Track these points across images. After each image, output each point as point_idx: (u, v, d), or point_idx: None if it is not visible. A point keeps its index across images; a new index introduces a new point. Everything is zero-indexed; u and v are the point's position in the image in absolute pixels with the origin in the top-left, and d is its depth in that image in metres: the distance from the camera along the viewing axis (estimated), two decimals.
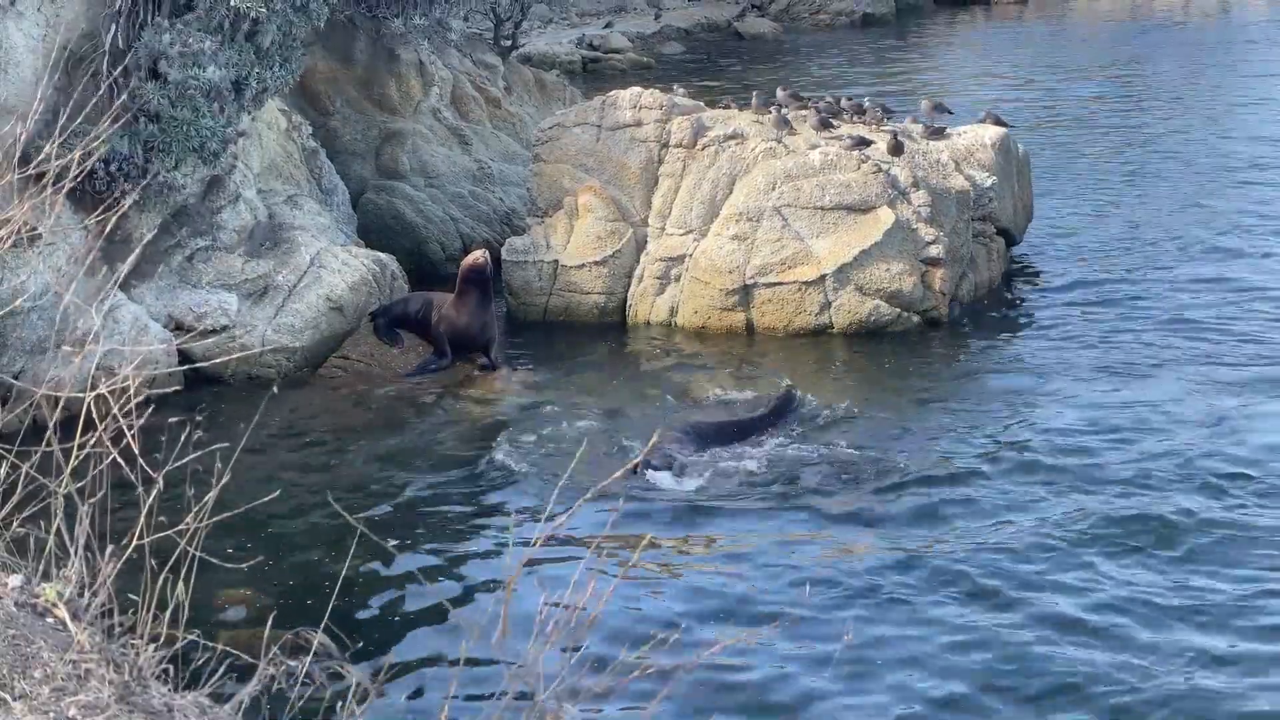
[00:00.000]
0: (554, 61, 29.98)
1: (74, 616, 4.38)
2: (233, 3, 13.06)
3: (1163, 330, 14.37)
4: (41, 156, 5.71)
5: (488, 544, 10.17)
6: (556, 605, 4.33)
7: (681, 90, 16.76)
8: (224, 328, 13.40)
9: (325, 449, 12.11)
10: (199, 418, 5.20)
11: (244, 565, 6.52)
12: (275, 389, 8.58)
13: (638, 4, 37.55)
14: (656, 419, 12.44)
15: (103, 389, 4.66)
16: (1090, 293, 15.68)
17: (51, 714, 3.91)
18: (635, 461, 10.60)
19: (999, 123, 16.41)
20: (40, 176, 5.94)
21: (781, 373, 13.71)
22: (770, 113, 15.60)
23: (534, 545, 4.47)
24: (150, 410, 4.81)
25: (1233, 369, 13.30)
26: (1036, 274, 16.48)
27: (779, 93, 16.44)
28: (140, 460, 4.71)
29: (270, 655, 4.28)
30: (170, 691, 4.24)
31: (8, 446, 4.96)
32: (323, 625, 4.64)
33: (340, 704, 4.40)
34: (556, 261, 15.21)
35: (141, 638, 4.26)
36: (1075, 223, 18.33)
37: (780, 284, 14.48)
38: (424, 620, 9.16)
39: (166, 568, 4.51)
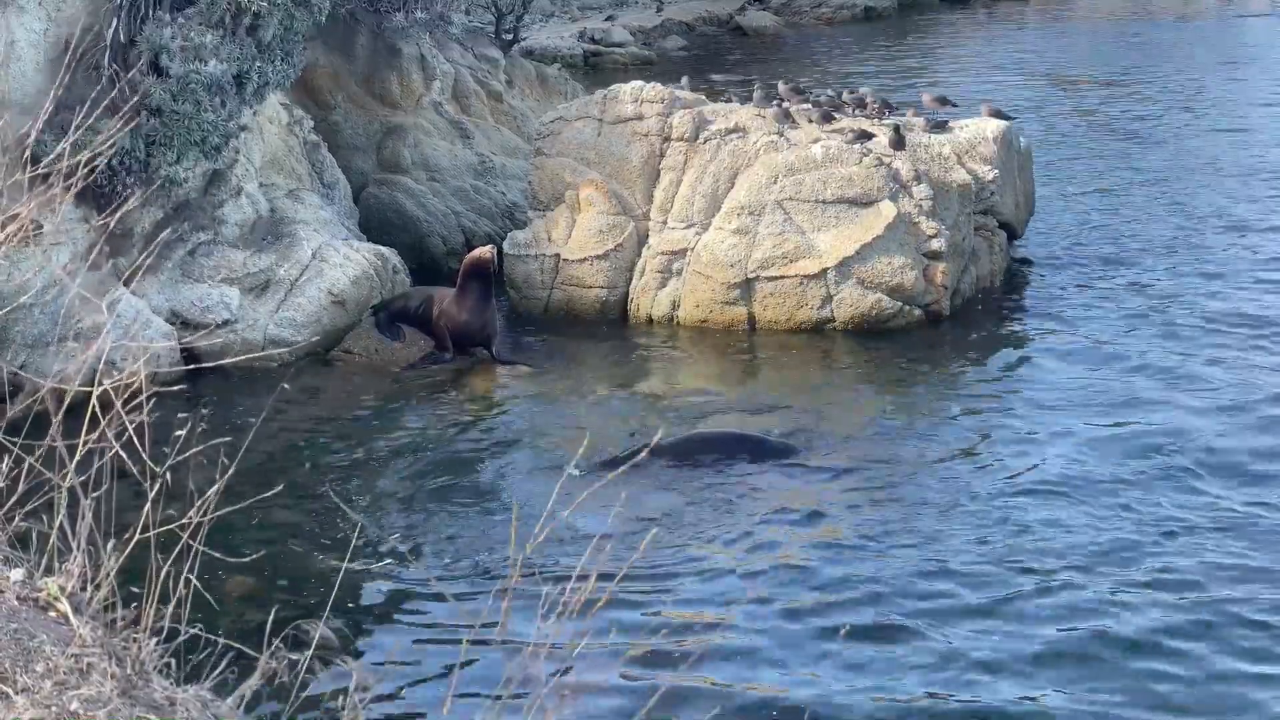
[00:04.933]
0: (555, 55, 29.94)
1: (76, 611, 4.39)
2: None
3: (1164, 324, 14.37)
4: (52, 156, 5.71)
5: (490, 538, 10.17)
6: (558, 601, 4.34)
7: (687, 81, 16.73)
8: (226, 322, 13.41)
9: (326, 443, 12.11)
10: (203, 411, 5.20)
11: (246, 559, 6.53)
12: (286, 385, 8.57)
13: None
14: (657, 415, 12.47)
15: (108, 384, 4.67)
16: (1091, 286, 15.67)
17: (53, 708, 3.92)
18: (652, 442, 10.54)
19: (1001, 116, 16.38)
20: (46, 174, 5.95)
21: (782, 370, 13.73)
22: (772, 107, 15.59)
23: (536, 539, 4.47)
24: (153, 404, 4.81)
25: (1233, 364, 13.30)
26: (1038, 268, 16.48)
27: (780, 86, 16.42)
28: (144, 454, 4.71)
29: (272, 649, 4.28)
30: (172, 685, 4.25)
31: (12, 440, 4.97)
32: (325, 619, 4.65)
33: (342, 698, 4.40)
34: (558, 256, 15.19)
35: (144, 631, 4.27)
36: (1077, 217, 18.33)
37: (782, 278, 14.47)
38: (426, 614, 9.17)
39: (169, 561, 4.51)
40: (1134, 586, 9.29)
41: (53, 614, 4.44)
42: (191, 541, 4.53)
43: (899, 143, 14.90)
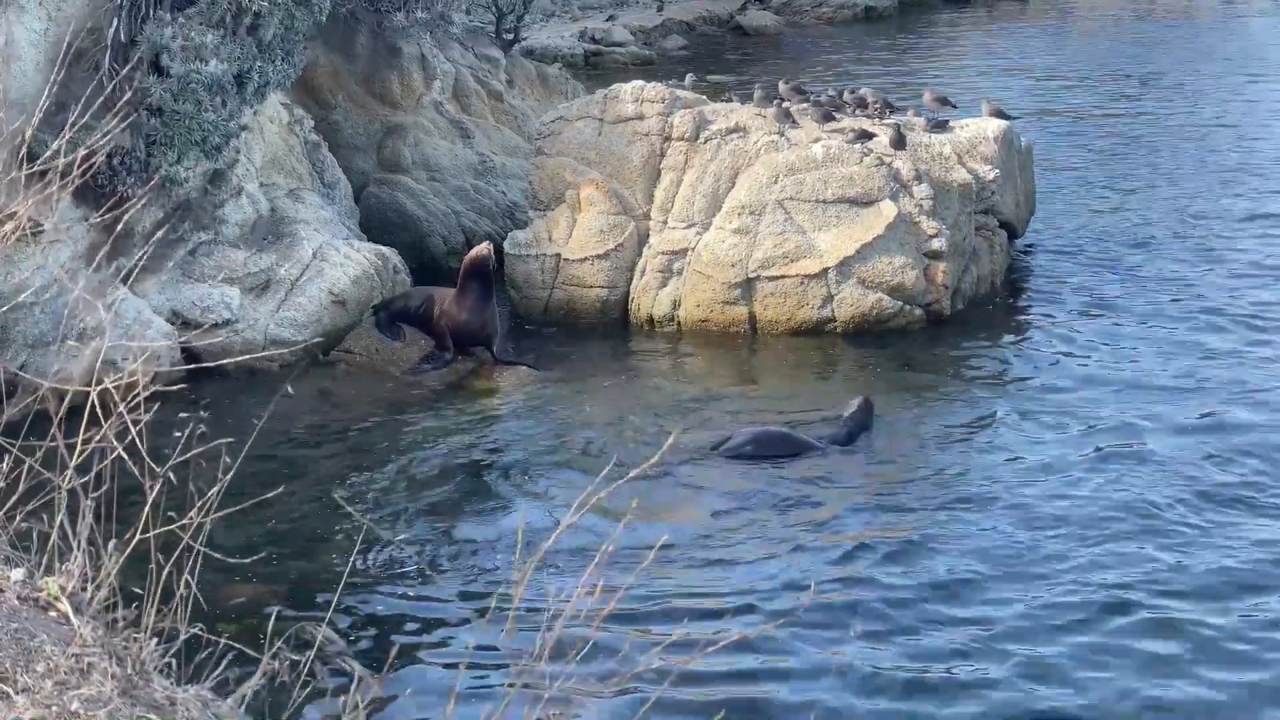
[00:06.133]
0: (556, 55, 29.94)
1: (76, 610, 4.38)
2: None
3: (1164, 322, 14.37)
4: (49, 153, 5.70)
5: (494, 539, 10.16)
6: (564, 603, 4.32)
7: (693, 78, 16.69)
8: (227, 322, 13.40)
9: (328, 444, 12.10)
10: (203, 412, 5.19)
11: (248, 559, 6.51)
12: (290, 391, 8.52)
13: None
14: (660, 414, 12.47)
15: (108, 383, 4.65)
16: (1091, 286, 15.67)
17: (54, 707, 3.91)
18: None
19: (1002, 116, 16.38)
20: (45, 172, 5.94)
21: (783, 370, 13.73)
22: (772, 106, 15.57)
23: (549, 543, 4.46)
24: (155, 405, 4.80)
25: (1236, 359, 13.31)
26: (1039, 267, 16.48)
27: (781, 86, 16.41)
28: (145, 454, 4.70)
29: (274, 649, 4.27)
30: (173, 685, 4.24)
31: (12, 440, 4.95)
32: (327, 619, 4.64)
33: (343, 699, 4.39)
34: (559, 255, 15.18)
35: (144, 631, 4.26)
36: (1077, 216, 18.32)
37: (783, 277, 14.46)
38: (429, 615, 9.15)
39: (170, 561, 4.50)
40: (1143, 587, 9.29)
41: (53, 614, 4.43)
42: (193, 543, 4.52)
43: (899, 142, 14.89)
